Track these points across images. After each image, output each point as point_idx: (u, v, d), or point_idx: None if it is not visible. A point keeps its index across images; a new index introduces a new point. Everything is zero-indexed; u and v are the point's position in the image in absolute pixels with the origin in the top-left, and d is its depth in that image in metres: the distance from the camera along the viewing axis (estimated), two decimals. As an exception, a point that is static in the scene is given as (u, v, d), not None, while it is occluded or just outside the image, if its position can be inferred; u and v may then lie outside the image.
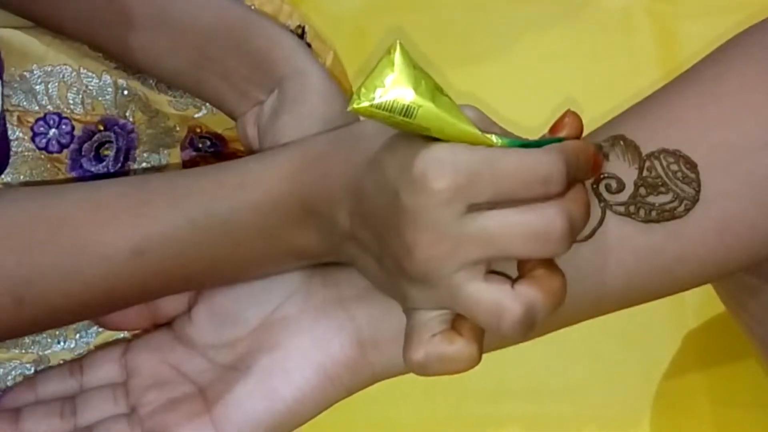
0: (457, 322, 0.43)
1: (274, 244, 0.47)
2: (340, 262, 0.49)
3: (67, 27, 0.55)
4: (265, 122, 0.54)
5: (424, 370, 0.43)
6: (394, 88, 0.39)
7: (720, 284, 0.64)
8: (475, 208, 0.41)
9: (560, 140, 0.44)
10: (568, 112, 0.45)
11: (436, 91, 0.40)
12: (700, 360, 0.89)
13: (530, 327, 0.41)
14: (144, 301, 0.50)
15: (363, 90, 0.39)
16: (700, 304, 0.88)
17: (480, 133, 0.41)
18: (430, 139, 0.41)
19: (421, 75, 0.40)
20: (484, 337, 0.43)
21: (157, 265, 0.47)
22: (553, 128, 0.45)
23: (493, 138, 0.42)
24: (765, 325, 0.61)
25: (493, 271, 0.42)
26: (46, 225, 0.46)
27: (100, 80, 0.57)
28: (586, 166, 0.44)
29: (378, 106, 0.39)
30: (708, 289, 0.66)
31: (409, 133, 0.42)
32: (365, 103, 0.39)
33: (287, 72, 0.53)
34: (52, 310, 0.46)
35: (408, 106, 0.39)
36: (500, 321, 0.41)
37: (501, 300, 0.41)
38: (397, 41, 0.40)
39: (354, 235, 0.45)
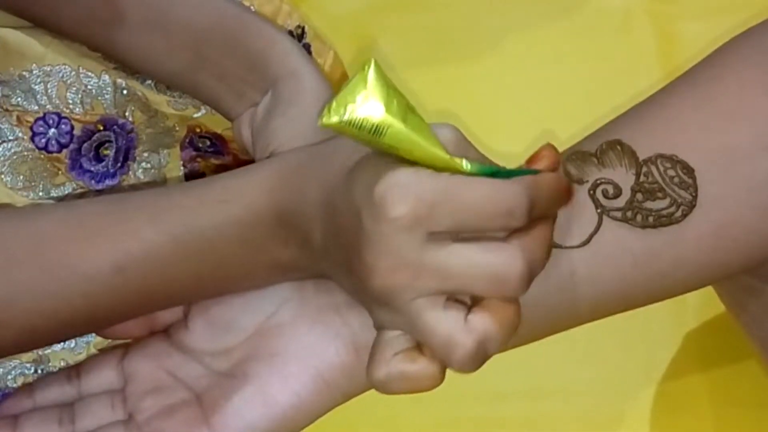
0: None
1: (256, 259, 0.47)
2: None
3: (65, 28, 0.55)
4: (258, 124, 0.54)
5: (385, 387, 0.42)
6: (365, 106, 0.38)
7: (720, 285, 0.64)
8: (435, 236, 0.40)
9: (534, 172, 0.42)
10: (546, 146, 0.44)
11: (407, 111, 0.39)
12: (700, 360, 0.89)
13: (482, 360, 0.41)
14: (126, 319, 0.50)
15: (334, 105, 0.39)
16: (701, 304, 0.88)
17: (449, 157, 0.40)
18: (398, 159, 0.40)
19: (393, 94, 0.39)
20: None
21: (140, 282, 0.47)
22: (530, 161, 0.44)
23: (464, 163, 0.41)
24: (765, 326, 0.61)
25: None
26: (25, 243, 0.46)
27: (99, 80, 0.57)
28: (557, 201, 0.43)
29: (348, 123, 0.38)
30: (708, 289, 0.65)
31: (379, 152, 0.41)
32: (335, 119, 0.38)
33: (281, 73, 0.53)
34: (33, 329, 0.46)
35: (377, 124, 0.39)
36: (451, 355, 0.40)
37: (454, 334, 0.40)
38: (372, 59, 0.39)
39: (326, 251, 0.45)
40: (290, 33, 0.59)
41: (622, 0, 1.02)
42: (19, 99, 0.56)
